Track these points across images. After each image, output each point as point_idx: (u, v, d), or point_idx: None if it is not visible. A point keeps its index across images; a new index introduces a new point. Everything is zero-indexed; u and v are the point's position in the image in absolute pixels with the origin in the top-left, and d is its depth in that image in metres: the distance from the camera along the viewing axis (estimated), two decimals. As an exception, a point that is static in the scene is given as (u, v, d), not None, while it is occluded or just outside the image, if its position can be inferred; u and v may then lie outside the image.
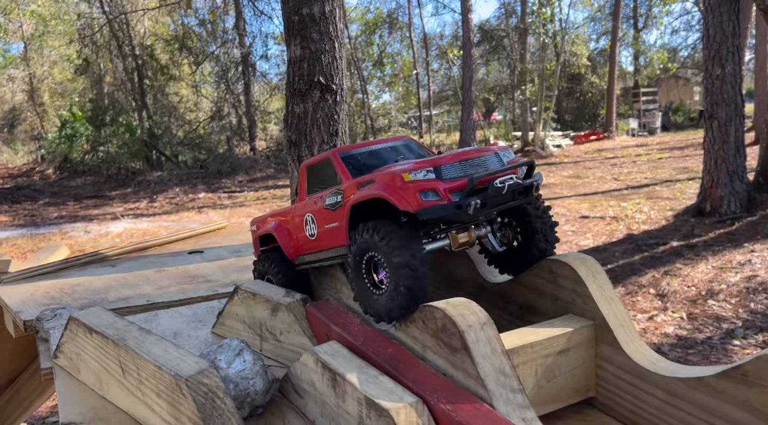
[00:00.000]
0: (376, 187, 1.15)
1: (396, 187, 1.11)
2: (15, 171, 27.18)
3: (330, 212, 1.31)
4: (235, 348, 1.21)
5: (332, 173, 1.35)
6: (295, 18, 2.39)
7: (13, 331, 1.68)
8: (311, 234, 1.40)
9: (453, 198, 1.11)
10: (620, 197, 10.96)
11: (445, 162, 1.16)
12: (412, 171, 1.12)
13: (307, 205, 1.42)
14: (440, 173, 1.14)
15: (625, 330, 1.04)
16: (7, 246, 10.65)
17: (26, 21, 28.04)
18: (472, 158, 1.19)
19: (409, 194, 1.09)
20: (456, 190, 1.12)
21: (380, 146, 1.42)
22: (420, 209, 1.09)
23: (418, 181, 1.11)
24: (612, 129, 25.61)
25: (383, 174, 1.17)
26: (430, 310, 1.00)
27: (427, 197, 1.10)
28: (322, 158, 1.41)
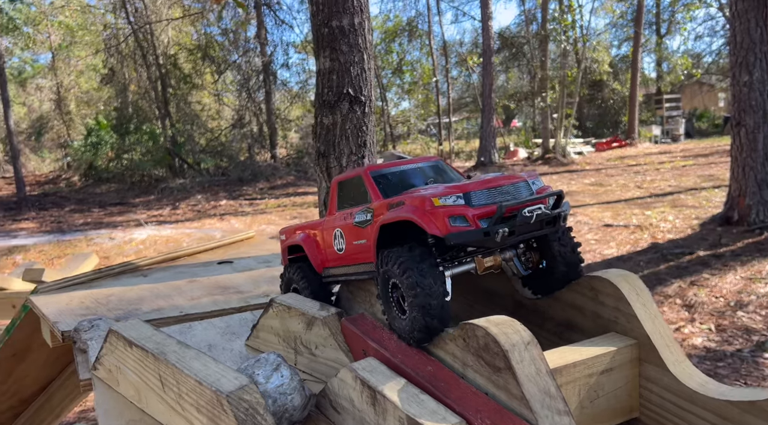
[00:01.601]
0: (406, 209, 1.17)
1: (425, 211, 1.13)
2: (42, 178, 27.76)
3: (359, 230, 1.34)
4: (273, 363, 1.21)
5: (363, 191, 1.38)
6: (324, 30, 2.40)
7: (50, 341, 1.71)
8: (339, 249, 1.43)
9: (481, 224, 1.13)
10: (644, 205, 10.81)
11: (474, 189, 1.18)
12: (442, 196, 1.15)
13: (336, 219, 1.45)
14: (470, 199, 1.16)
15: (671, 349, 1.02)
16: (35, 252, 10.86)
17: (54, 32, 28.73)
18: (501, 185, 1.20)
19: (438, 219, 1.12)
20: (484, 216, 1.14)
21: (411, 167, 1.44)
22: (448, 234, 1.11)
23: (447, 206, 1.14)
24: (634, 136, 25.31)
25: (413, 197, 1.18)
26: (472, 328, 0.99)
27: (456, 223, 1.12)
28: (354, 175, 1.44)
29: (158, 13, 22.55)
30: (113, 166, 22.52)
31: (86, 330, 1.58)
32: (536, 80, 24.46)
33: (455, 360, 1.04)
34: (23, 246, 11.53)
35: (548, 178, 17.13)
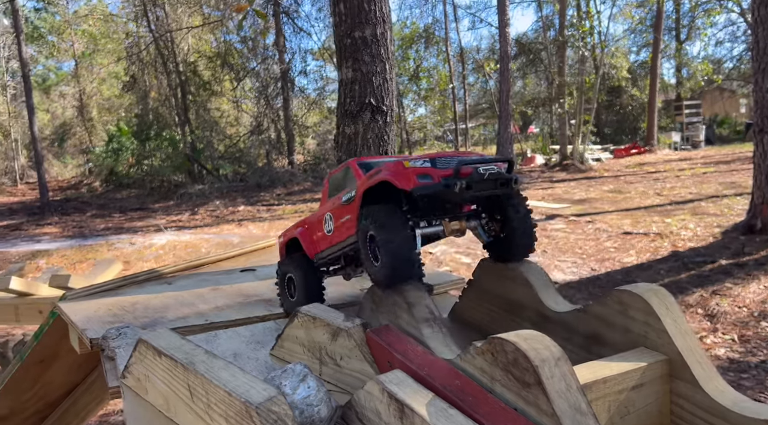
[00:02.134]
0: (383, 174, 1.38)
1: (398, 171, 1.35)
2: (64, 184, 28.26)
3: (345, 207, 1.52)
4: (299, 374, 1.22)
5: (349, 177, 1.58)
6: (347, 41, 2.42)
7: (78, 347, 1.74)
8: (329, 230, 1.61)
9: (442, 180, 1.33)
10: (664, 212, 10.66)
11: (439, 156, 1.39)
12: (412, 160, 1.37)
13: (326, 207, 1.64)
14: (435, 163, 1.37)
15: (703, 366, 1.01)
16: (57, 257, 11.04)
17: (78, 40, 29.31)
18: (461, 156, 1.42)
19: (407, 177, 1.33)
20: (447, 176, 1.34)
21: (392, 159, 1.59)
22: (415, 187, 1.32)
23: (416, 167, 1.35)
24: (653, 143, 25.03)
25: (389, 163, 1.40)
26: (500, 343, 0.99)
27: (422, 180, 1.34)
28: (342, 167, 1.64)
29: (179, 21, 22.89)
30: (134, 172, 22.85)
31: (114, 338, 1.60)
32: (554, 86, 24.34)
33: (483, 375, 1.04)
34: (46, 251, 11.73)
35: (566, 185, 17.00)
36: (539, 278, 1.40)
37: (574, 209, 11.87)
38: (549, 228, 10.04)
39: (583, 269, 7.42)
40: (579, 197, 14.01)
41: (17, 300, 2.96)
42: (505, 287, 1.48)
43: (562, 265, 7.68)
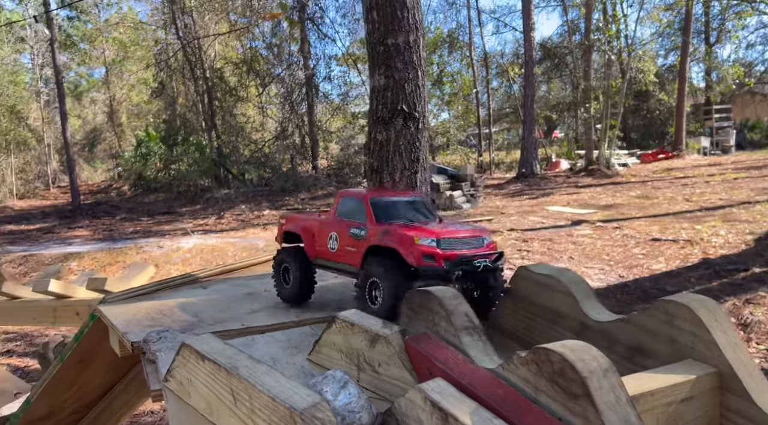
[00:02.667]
0: (394, 240, 1.61)
1: (407, 245, 1.59)
2: (94, 188, 28.90)
3: (353, 240, 1.76)
4: (340, 380, 1.23)
5: (361, 210, 1.77)
6: (380, 48, 2.43)
7: (119, 350, 1.77)
8: (332, 247, 1.84)
9: (444, 264, 1.57)
10: (693, 219, 10.45)
11: (445, 236, 1.62)
12: (421, 238, 1.59)
13: (333, 224, 1.86)
14: (440, 243, 1.59)
15: (755, 379, 0.99)
16: (88, 259, 11.28)
17: (108, 47, 30.00)
18: (463, 238, 1.65)
19: (415, 253, 1.57)
20: (449, 258, 1.59)
21: (400, 199, 1.86)
22: (420, 266, 1.57)
23: (423, 245, 1.58)
24: (681, 147, 24.54)
25: (401, 233, 1.62)
26: (546, 353, 0.98)
27: (427, 260, 1.58)
28: (357, 196, 1.83)
29: (206, 28, 23.27)
30: (161, 176, 23.24)
31: (155, 341, 1.63)
32: (579, 91, 24.06)
33: (527, 385, 1.03)
34: (78, 253, 11.98)
35: (592, 190, 16.77)
36: (580, 287, 1.39)
37: (601, 215, 11.70)
38: (575, 234, 9.91)
39: (611, 276, 7.31)
40: (605, 202, 13.81)
41: (55, 302, 3.04)
42: (545, 296, 1.47)
43: (589, 272, 7.57)
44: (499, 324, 1.67)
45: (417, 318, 1.50)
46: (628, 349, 1.23)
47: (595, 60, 24.17)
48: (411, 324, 1.51)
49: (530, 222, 11.59)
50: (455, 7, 28.98)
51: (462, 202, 15.04)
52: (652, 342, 1.17)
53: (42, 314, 3.07)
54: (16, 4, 31.01)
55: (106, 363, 2.38)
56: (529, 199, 16.03)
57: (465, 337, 1.30)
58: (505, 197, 17.07)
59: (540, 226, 11.07)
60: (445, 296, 1.38)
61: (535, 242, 9.55)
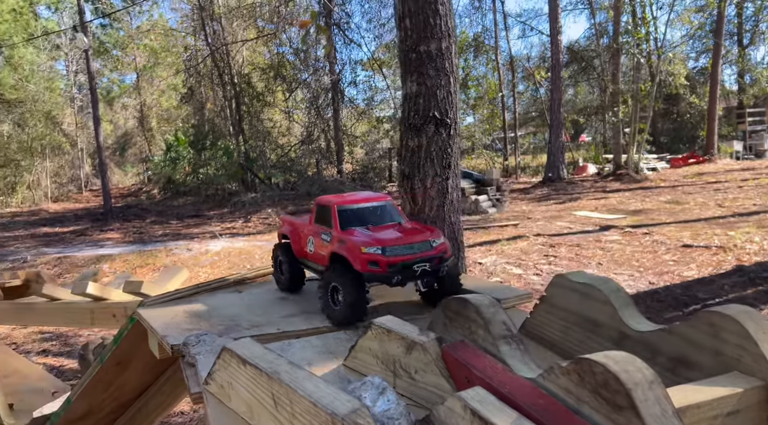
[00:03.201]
0: (345, 249, 1.81)
1: (355, 254, 1.77)
2: (125, 191, 29.53)
3: (323, 244, 1.96)
4: (378, 387, 1.24)
5: (329, 218, 1.96)
6: (412, 56, 2.45)
7: (158, 353, 1.81)
8: (310, 249, 2.07)
9: (388, 269, 1.75)
10: (726, 225, 10.21)
11: (389, 244, 1.78)
12: (368, 246, 1.76)
13: (312, 230, 2.07)
14: (385, 251, 1.76)
15: (805, 394, 0.97)
16: (120, 261, 11.53)
17: (140, 54, 30.69)
18: (409, 244, 1.81)
19: (362, 261, 1.75)
20: (392, 264, 1.76)
21: (365, 206, 2.01)
22: (364, 272, 1.76)
23: (369, 254, 1.75)
24: (713, 152, 24.02)
25: (352, 243, 1.80)
26: (588, 363, 0.97)
27: (372, 266, 1.75)
28: (327, 204, 2.01)
29: (234, 34, 23.63)
30: (190, 180, 23.63)
31: (194, 345, 1.66)
32: (607, 94, 23.74)
33: (568, 395, 1.03)
34: (109, 255, 12.26)
35: (620, 195, 16.51)
36: (619, 295, 1.37)
37: (630, 220, 11.52)
38: (603, 240, 9.77)
39: (641, 283, 7.19)
40: (634, 207, 13.59)
41: (92, 304, 3.12)
42: (582, 304, 1.46)
43: (619, 278, 7.46)
44: (535, 333, 1.66)
45: (453, 326, 1.50)
46: (671, 360, 1.21)
47: (624, 63, 23.84)
48: (447, 331, 1.51)
49: (557, 227, 11.46)
50: (481, 11, 28.90)
51: (487, 206, 14.95)
52: (695, 353, 1.15)
53: (80, 316, 3.15)
54: (52, 12, 31.97)
55: (142, 365, 2.43)
56: (556, 204, 15.86)
57: (503, 346, 1.30)
58: (532, 202, 16.92)
59: (567, 231, 10.94)
60: (483, 304, 1.38)
61: (563, 247, 9.44)
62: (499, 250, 9.60)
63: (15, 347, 6.70)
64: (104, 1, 29.55)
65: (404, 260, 1.78)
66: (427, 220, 2.50)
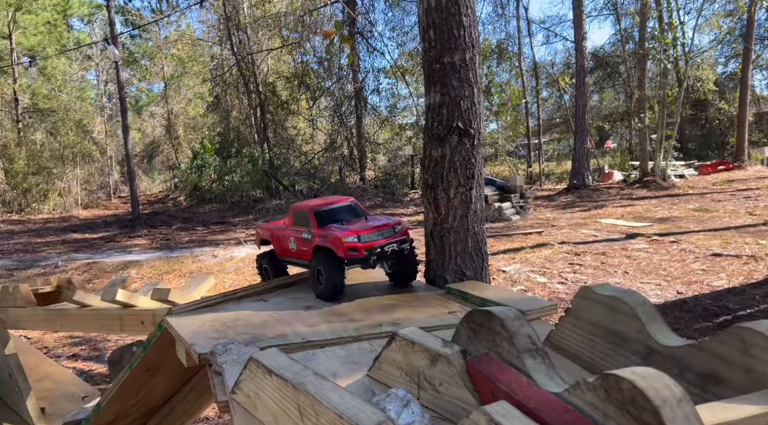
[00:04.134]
0: (329, 242, 2.18)
1: (338, 244, 2.15)
2: (152, 198, 30.09)
3: (304, 241, 2.33)
4: (403, 399, 1.25)
5: (307, 219, 2.32)
6: (436, 66, 2.46)
7: (185, 361, 1.84)
8: (292, 248, 2.42)
9: (365, 253, 2.16)
10: (757, 233, 9.97)
11: (363, 233, 2.18)
12: (346, 236, 2.15)
13: (291, 231, 2.43)
14: (360, 238, 2.16)
15: (840, 414, 0.94)
16: (147, 267, 11.73)
17: (167, 63, 31.34)
18: (379, 230, 2.23)
19: (344, 249, 2.14)
20: (368, 247, 2.16)
21: (335, 206, 2.38)
22: (347, 258, 2.15)
23: (348, 242, 2.14)
24: (743, 158, 23.49)
25: (333, 235, 2.17)
26: (615, 380, 0.97)
27: (352, 252, 2.14)
28: (303, 208, 2.37)
29: (259, 44, 23.96)
30: (215, 187, 23.97)
31: (221, 354, 1.69)
32: (633, 100, 23.41)
33: (595, 411, 1.02)
34: (137, 261, 12.49)
35: (647, 202, 16.24)
36: (646, 309, 1.36)
37: (657, 228, 11.32)
38: (630, 248, 9.62)
39: (668, 292, 7.06)
40: (661, 215, 13.35)
41: (122, 311, 3.18)
42: (609, 317, 1.45)
43: (645, 287, 7.33)
44: (560, 346, 1.64)
45: (477, 338, 1.50)
46: (700, 377, 1.19)
47: (650, 69, 23.50)
48: (471, 343, 1.51)
49: (582, 235, 11.32)
50: (504, 18, 28.82)
51: (511, 214, 14.84)
52: (725, 370, 1.13)
53: (109, 322, 3.22)
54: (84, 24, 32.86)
55: (170, 372, 2.47)
56: (581, 211, 15.66)
57: (528, 359, 1.30)
58: (556, 209, 16.74)
59: (593, 239, 10.80)
60: (508, 317, 1.38)
61: (588, 255, 9.32)
62: (522, 258, 9.52)
63: (46, 351, 6.86)
64: (134, 13, 30.29)
65: (376, 243, 2.19)
66: (451, 230, 2.50)
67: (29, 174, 27.62)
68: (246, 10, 24.05)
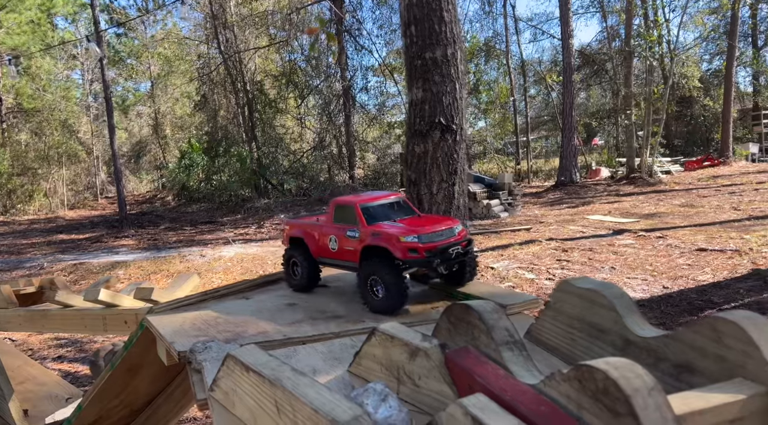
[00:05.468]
0: (383, 240, 1.92)
1: (394, 243, 1.89)
2: (140, 198, 29.86)
3: (349, 241, 2.06)
4: (381, 393, 1.24)
5: (353, 216, 2.06)
6: (418, 62, 2.46)
7: (165, 359, 1.83)
8: (333, 248, 2.14)
9: (426, 255, 1.88)
10: (742, 228, 10.08)
11: (424, 232, 1.92)
12: (405, 236, 1.89)
13: (331, 229, 2.15)
14: (420, 238, 1.89)
15: (809, 401, 0.95)
16: (134, 268, 11.63)
17: (154, 62, 31.09)
18: (439, 231, 1.96)
19: (402, 250, 1.88)
20: (428, 249, 1.89)
21: (383, 202, 2.12)
22: (406, 259, 1.88)
23: (407, 242, 1.88)
24: (728, 154, 23.75)
25: (389, 233, 1.92)
26: (589, 370, 0.97)
27: (411, 253, 1.88)
28: (348, 204, 2.11)
29: (246, 42, 23.84)
30: (204, 187, 23.83)
31: (200, 352, 1.68)
32: (619, 97, 23.59)
33: (569, 402, 1.02)
34: (124, 262, 12.38)
35: (634, 198, 16.37)
36: (623, 301, 1.36)
37: (643, 224, 11.41)
38: (617, 244, 9.69)
39: (655, 287, 7.12)
40: (648, 211, 13.46)
41: (105, 311, 3.15)
42: (587, 310, 1.45)
43: (632, 282, 7.39)
44: (541, 339, 1.65)
45: (456, 332, 1.50)
46: (675, 367, 1.20)
47: (636, 66, 23.68)
48: (451, 337, 1.51)
49: (570, 231, 11.38)
50: (492, 16, 28.89)
51: (499, 211, 14.89)
52: (699, 359, 1.14)
53: (93, 323, 3.19)
54: (69, 23, 32.51)
55: (153, 372, 2.45)
56: (569, 208, 15.75)
57: (506, 352, 1.30)
58: (544, 206, 16.83)
59: (580, 235, 10.87)
60: (486, 310, 1.38)
61: (575, 251, 9.38)
62: (511, 254, 9.56)
63: (31, 353, 6.79)
64: (119, 12, 30.01)
65: (438, 245, 1.92)
66: (434, 226, 2.50)
67: (14, 175, 27.30)
68: (233, 8, 23.91)
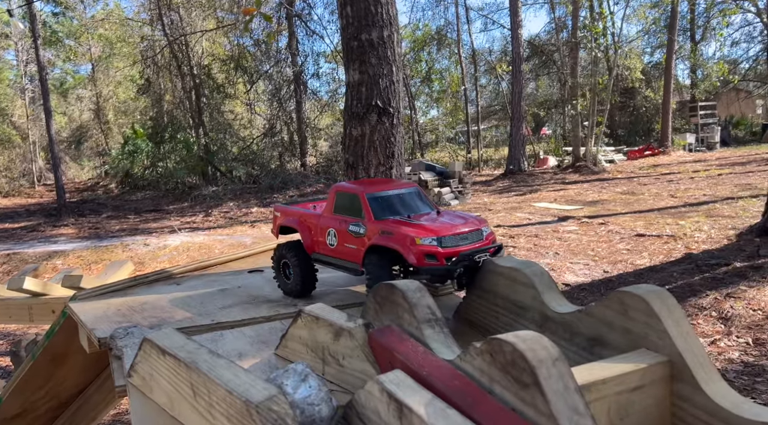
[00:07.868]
0: (395, 241, 1.59)
1: (408, 246, 1.56)
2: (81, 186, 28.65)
3: (352, 237, 1.74)
4: (301, 373, 1.23)
5: (358, 207, 1.74)
6: (354, 44, 2.43)
7: (87, 347, 1.76)
8: (331, 244, 1.83)
9: (446, 262, 1.55)
10: (678, 214, 10.55)
11: (445, 234, 1.58)
12: (422, 237, 1.56)
13: (330, 221, 1.84)
14: (441, 242, 1.56)
15: (704, 368, 1.00)
16: (73, 257, 11.18)
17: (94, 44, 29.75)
18: (463, 233, 1.62)
19: (417, 254, 1.55)
20: (449, 256, 1.56)
21: (395, 192, 1.79)
22: (421, 266, 1.55)
23: (424, 245, 1.55)
24: (668, 144, 24.78)
25: (402, 233, 1.58)
26: (499, 343, 0.99)
27: (429, 260, 1.55)
28: (352, 192, 1.79)
29: (193, 25, 23.10)
30: (149, 174, 23.09)
31: (121, 338, 1.62)
32: (566, 88, 24.20)
33: (482, 375, 1.04)
34: (63, 252, 11.88)
35: (579, 186, 16.89)
36: (542, 279, 1.40)
37: (587, 211, 11.79)
38: (561, 230, 9.98)
39: (596, 271, 7.37)
40: (592, 198, 13.92)
41: (31, 300, 3.01)
42: (508, 288, 1.48)
43: (575, 267, 7.63)
44: (468, 318, 1.67)
45: (383, 311, 1.50)
46: (588, 340, 1.24)
47: (582, 57, 24.33)
48: (377, 317, 1.51)
49: (517, 218, 11.65)
50: (443, 4, 29.01)
51: (450, 198, 15.09)
52: (609, 332, 1.18)
53: (18, 313, 3.04)
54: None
55: (80, 361, 2.36)
56: (517, 195, 16.10)
57: (427, 329, 1.31)
58: (493, 194, 17.14)
59: (527, 222, 11.13)
60: (409, 289, 1.38)
61: (522, 238, 9.60)
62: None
63: (-42, 347, 6.44)
64: (56, -11, 28.51)
65: (461, 250, 1.56)
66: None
67: (-59, 161, 25.71)
68: (178, -11, 23.12)
